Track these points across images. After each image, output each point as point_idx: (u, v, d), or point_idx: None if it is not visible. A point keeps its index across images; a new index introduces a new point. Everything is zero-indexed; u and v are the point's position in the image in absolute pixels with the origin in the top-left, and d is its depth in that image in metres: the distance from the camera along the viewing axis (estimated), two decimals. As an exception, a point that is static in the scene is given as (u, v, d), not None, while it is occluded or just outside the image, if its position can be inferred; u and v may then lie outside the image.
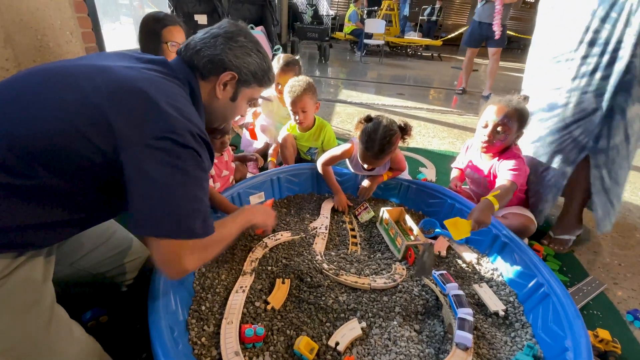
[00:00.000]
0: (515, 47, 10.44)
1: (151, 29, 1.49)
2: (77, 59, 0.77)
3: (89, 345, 0.75)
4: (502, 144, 1.33)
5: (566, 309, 0.91)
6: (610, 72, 1.17)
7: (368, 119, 1.31)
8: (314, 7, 6.33)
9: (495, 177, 1.37)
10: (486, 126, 1.33)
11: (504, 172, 1.28)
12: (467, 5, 8.22)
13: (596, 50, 1.18)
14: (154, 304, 0.79)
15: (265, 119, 2.04)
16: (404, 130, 1.30)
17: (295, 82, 1.63)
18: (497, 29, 3.44)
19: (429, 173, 2.01)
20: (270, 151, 1.86)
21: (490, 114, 1.32)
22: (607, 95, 1.19)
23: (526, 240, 1.39)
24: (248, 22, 2.90)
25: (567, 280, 1.30)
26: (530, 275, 1.06)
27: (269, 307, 0.95)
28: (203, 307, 0.94)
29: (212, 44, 0.82)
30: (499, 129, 1.30)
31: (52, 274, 0.72)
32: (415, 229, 1.23)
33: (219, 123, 0.96)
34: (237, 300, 0.93)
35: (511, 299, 1.07)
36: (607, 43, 1.16)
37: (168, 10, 2.45)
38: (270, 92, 2.01)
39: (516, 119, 1.29)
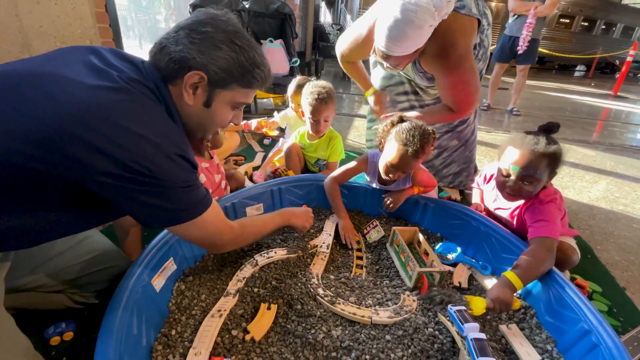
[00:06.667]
0: (549, 66, 10.05)
1: None
2: (38, 61, 0.64)
3: None
4: (530, 195, 1.09)
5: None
6: None
7: (401, 120, 1.19)
8: (340, 27, 6.39)
9: (520, 219, 1.15)
10: (508, 175, 1.09)
11: (530, 227, 1.04)
12: (497, 24, 8.00)
13: None
14: (108, 324, 0.68)
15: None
16: (434, 136, 1.16)
17: (320, 89, 1.50)
18: (522, 42, 3.35)
19: (452, 192, 1.83)
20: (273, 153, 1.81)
21: (511, 159, 1.07)
22: None
23: (567, 274, 1.17)
24: (269, 36, 2.91)
25: (618, 326, 1.07)
26: (574, 318, 0.85)
27: (247, 337, 0.80)
28: (173, 332, 0.81)
29: (175, 39, 0.68)
30: (525, 182, 1.05)
31: (1, 278, 0.65)
32: (432, 254, 1.06)
33: (199, 135, 0.80)
34: (210, 326, 0.80)
35: (549, 347, 0.86)
36: None
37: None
38: (286, 111, 2.04)
39: (546, 165, 1.03)
